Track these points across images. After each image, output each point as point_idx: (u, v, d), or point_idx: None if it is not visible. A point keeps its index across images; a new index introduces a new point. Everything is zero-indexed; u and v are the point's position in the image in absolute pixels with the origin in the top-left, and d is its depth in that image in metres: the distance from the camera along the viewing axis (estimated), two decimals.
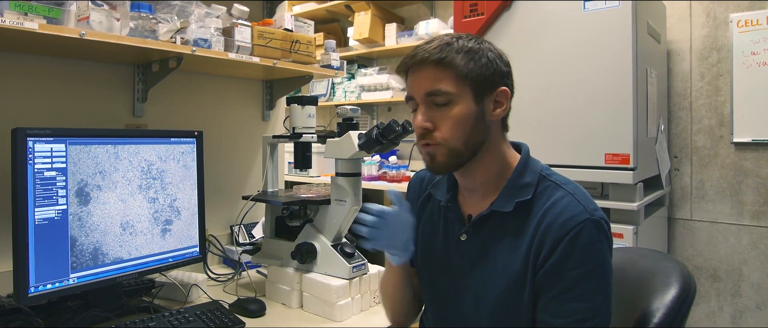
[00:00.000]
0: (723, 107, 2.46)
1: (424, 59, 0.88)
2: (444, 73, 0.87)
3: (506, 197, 0.91)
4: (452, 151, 0.89)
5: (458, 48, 0.88)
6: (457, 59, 0.87)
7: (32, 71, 1.39)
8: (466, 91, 0.88)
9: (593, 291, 0.83)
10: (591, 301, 0.82)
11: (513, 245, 0.90)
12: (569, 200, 0.87)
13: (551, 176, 0.93)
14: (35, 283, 1.10)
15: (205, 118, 1.79)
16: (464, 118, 0.88)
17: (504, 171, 0.94)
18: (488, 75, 0.89)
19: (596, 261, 0.83)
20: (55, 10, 1.15)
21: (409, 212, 1.01)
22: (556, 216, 0.86)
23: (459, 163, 0.91)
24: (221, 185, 1.82)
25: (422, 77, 0.89)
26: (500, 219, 0.92)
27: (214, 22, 1.46)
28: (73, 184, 1.16)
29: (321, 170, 3.38)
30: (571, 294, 0.83)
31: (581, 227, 0.83)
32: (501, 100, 0.91)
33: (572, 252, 0.83)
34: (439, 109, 0.88)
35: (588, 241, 0.83)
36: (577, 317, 0.82)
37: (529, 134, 1.18)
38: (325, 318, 1.32)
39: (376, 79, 3.52)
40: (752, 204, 2.39)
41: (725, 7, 2.43)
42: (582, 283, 0.83)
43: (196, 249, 1.43)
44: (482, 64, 0.88)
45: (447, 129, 0.88)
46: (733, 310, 2.44)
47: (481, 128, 0.90)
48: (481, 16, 2.17)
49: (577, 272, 0.83)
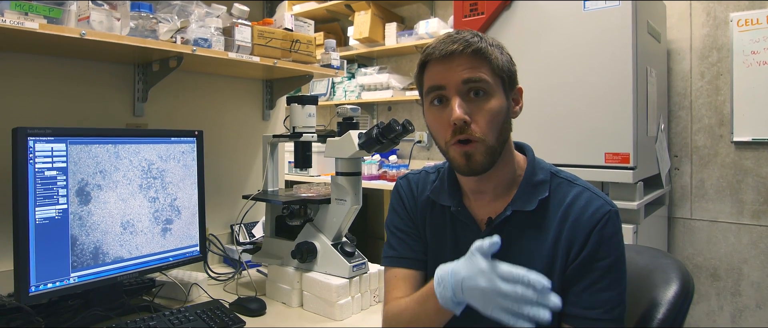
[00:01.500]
0: (723, 106, 2.46)
1: (461, 50, 0.83)
2: (481, 63, 0.84)
3: (525, 195, 0.90)
4: (490, 148, 0.85)
5: (490, 42, 0.87)
6: (491, 51, 0.85)
7: (33, 71, 1.39)
8: (499, 84, 0.86)
9: (619, 280, 0.86)
10: (617, 289, 0.85)
11: (534, 245, 0.89)
12: (588, 194, 0.89)
13: (560, 174, 0.94)
14: (36, 282, 1.10)
15: (205, 118, 1.79)
16: (499, 112, 0.85)
17: (514, 171, 0.93)
18: (513, 71, 0.90)
19: (620, 250, 0.87)
20: (55, 10, 1.15)
21: None
22: (581, 210, 0.87)
23: (493, 161, 0.86)
24: (221, 185, 1.82)
25: (457, 65, 0.84)
26: (521, 219, 0.90)
27: (214, 22, 1.47)
28: (73, 183, 1.16)
29: (321, 170, 3.39)
30: (601, 285, 0.85)
31: (607, 217, 0.86)
32: (517, 98, 0.93)
33: (601, 243, 0.85)
34: (474, 101, 0.84)
35: (613, 231, 0.86)
36: (607, 306, 0.84)
37: (530, 134, 1.18)
38: (325, 317, 1.32)
39: (376, 79, 3.52)
40: (752, 203, 2.39)
41: (725, 7, 2.44)
42: (610, 273, 0.85)
43: (197, 248, 1.43)
44: (509, 59, 0.89)
45: (484, 123, 0.83)
46: (732, 309, 2.44)
47: (508, 125, 0.89)
48: (481, 15, 2.18)
49: (605, 262, 0.85)
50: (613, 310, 0.85)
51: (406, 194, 1.04)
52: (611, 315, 0.84)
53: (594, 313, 0.85)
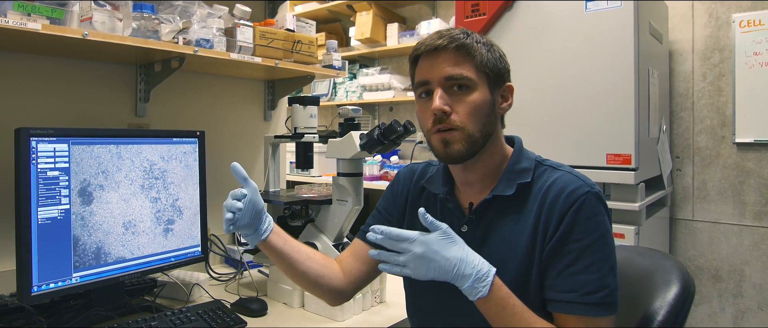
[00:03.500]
0: (725, 108, 2.45)
1: (446, 46, 0.89)
2: (465, 59, 0.89)
3: (506, 181, 0.93)
4: (469, 137, 0.89)
5: (477, 39, 0.91)
6: (477, 48, 0.90)
7: (35, 71, 1.40)
8: (483, 80, 0.90)
9: (599, 263, 0.83)
10: (597, 272, 0.83)
11: (515, 229, 0.90)
12: (568, 177, 0.90)
13: (546, 162, 0.96)
14: (38, 282, 1.10)
15: (207, 118, 1.80)
16: (481, 104, 0.89)
17: (502, 163, 0.96)
18: (501, 68, 0.93)
19: (599, 232, 0.85)
20: (58, 11, 1.15)
21: (255, 193, 0.98)
22: (558, 191, 0.88)
23: (473, 151, 0.90)
24: (223, 185, 1.81)
25: (441, 61, 0.89)
26: (501, 204, 0.93)
27: (216, 23, 1.47)
28: (75, 183, 1.16)
29: (322, 170, 3.39)
30: (577, 267, 0.84)
31: (584, 198, 0.85)
32: (507, 95, 0.95)
33: (576, 223, 0.85)
34: (457, 94, 0.89)
35: (591, 212, 0.85)
36: (585, 289, 0.82)
37: (531, 134, 1.18)
38: (326, 318, 1.32)
39: (377, 79, 3.53)
40: (754, 204, 2.38)
41: (727, 8, 2.43)
42: (587, 255, 0.83)
43: (198, 249, 1.44)
44: (497, 57, 0.92)
45: (465, 113, 0.88)
46: (734, 310, 2.44)
47: (492, 118, 0.92)
48: (483, 16, 2.18)
49: (581, 243, 0.84)
50: (592, 294, 0.82)
51: (404, 179, 1.11)
52: (591, 299, 0.82)
53: (571, 296, 0.83)
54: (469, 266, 0.82)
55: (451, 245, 0.84)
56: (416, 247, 0.84)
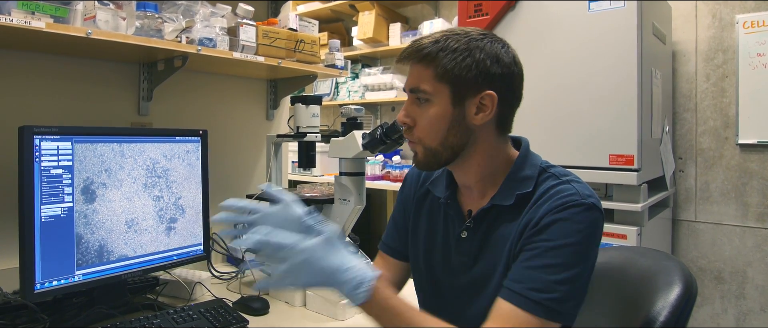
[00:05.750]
0: (728, 109, 2.44)
1: (410, 54, 0.89)
2: (425, 71, 0.87)
3: (507, 190, 0.91)
4: (428, 150, 0.90)
5: (444, 47, 0.86)
6: (439, 58, 0.85)
7: (39, 70, 1.40)
8: (443, 92, 0.86)
9: (558, 267, 0.79)
10: (552, 275, 0.79)
11: (507, 235, 0.89)
12: (565, 186, 0.86)
13: (551, 169, 0.92)
14: (41, 280, 1.10)
15: (209, 117, 1.80)
16: (438, 119, 0.87)
17: (502, 168, 0.93)
18: (470, 77, 0.85)
19: (572, 239, 0.80)
20: (61, 9, 1.16)
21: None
22: (548, 198, 0.85)
23: (438, 162, 0.91)
24: (225, 184, 1.83)
25: (411, 72, 0.90)
26: (500, 213, 0.91)
27: (219, 22, 1.47)
28: (78, 182, 1.16)
29: (324, 170, 3.39)
30: (534, 263, 0.81)
31: (569, 205, 0.82)
32: (486, 104, 0.86)
33: (552, 224, 0.82)
34: (420, 106, 0.89)
35: (570, 218, 0.81)
36: (531, 285, 0.79)
37: (533, 134, 1.18)
38: (328, 317, 1.32)
39: (380, 79, 3.53)
40: (757, 206, 2.38)
41: (731, 8, 2.42)
42: (549, 255, 0.80)
43: (201, 247, 1.44)
44: (465, 65, 0.85)
45: (422, 127, 0.89)
46: (737, 312, 2.43)
47: (460, 131, 0.87)
48: (486, 16, 2.17)
49: (548, 243, 0.81)
50: (537, 291, 0.78)
51: (411, 184, 1.11)
52: (533, 296, 0.78)
53: (516, 286, 0.80)
54: (348, 273, 0.79)
55: (332, 253, 0.80)
56: (297, 256, 0.80)
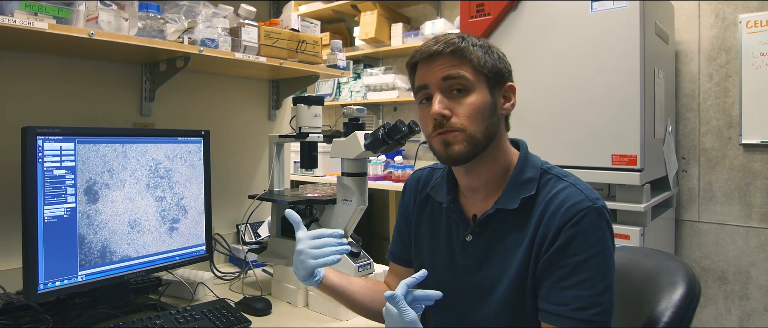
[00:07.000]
0: (731, 108, 2.44)
1: (441, 50, 0.89)
2: (461, 62, 0.89)
3: (510, 193, 0.92)
4: (471, 138, 0.88)
5: (473, 42, 0.91)
6: (473, 50, 0.89)
7: (42, 71, 1.41)
8: (481, 81, 0.90)
9: (594, 279, 0.82)
10: (591, 289, 0.81)
11: (517, 241, 0.90)
12: (571, 189, 0.88)
13: (552, 170, 0.94)
14: (44, 280, 1.11)
15: (212, 118, 1.80)
16: (481, 105, 0.89)
17: (507, 168, 0.95)
18: (500, 68, 0.92)
19: (597, 248, 0.83)
20: (64, 10, 1.16)
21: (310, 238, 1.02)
22: (558, 205, 0.86)
23: (475, 152, 0.89)
24: (228, 184, 1.83)
25: (439, 65, 0.89)
26: (505, 217, 0.92)
27: (221, 22, 1.47)
28: (81, 182, 1.17)
29: (327, 170, 3.39)
30: (570, 281, 0.83)
31: (584, 213, 0.84)
32: (509, 95, 0.94)
33: (574, 239, 0.83)
34: (456, 97, 0.89)
35: (590, 228, 0.83)
36: (576, 305, 0.81)
37: (536, 134, 1.18)
38: (330, 317, 1.32)
39: (382, 79, 3.53)
40: (761, 206, 2.37)
41: (734, 8, 2.42)
42: (582, 270, 0.82)
43: (203, 248, 1.44)
44: (495, 58, 0.92)
45: (465, 115, 0.88)
46: (740, 312, 2.42)
47: (495, 120, 0.91)
48: (488, 16, 2.17)
49: (577, 258, 0.83)
50: (583, 310, 0.81)
51: (410, 191, 1.12)
52: (580, 315, 0.81)
53: (560, 309, 0.83)
54: None
55: None
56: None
